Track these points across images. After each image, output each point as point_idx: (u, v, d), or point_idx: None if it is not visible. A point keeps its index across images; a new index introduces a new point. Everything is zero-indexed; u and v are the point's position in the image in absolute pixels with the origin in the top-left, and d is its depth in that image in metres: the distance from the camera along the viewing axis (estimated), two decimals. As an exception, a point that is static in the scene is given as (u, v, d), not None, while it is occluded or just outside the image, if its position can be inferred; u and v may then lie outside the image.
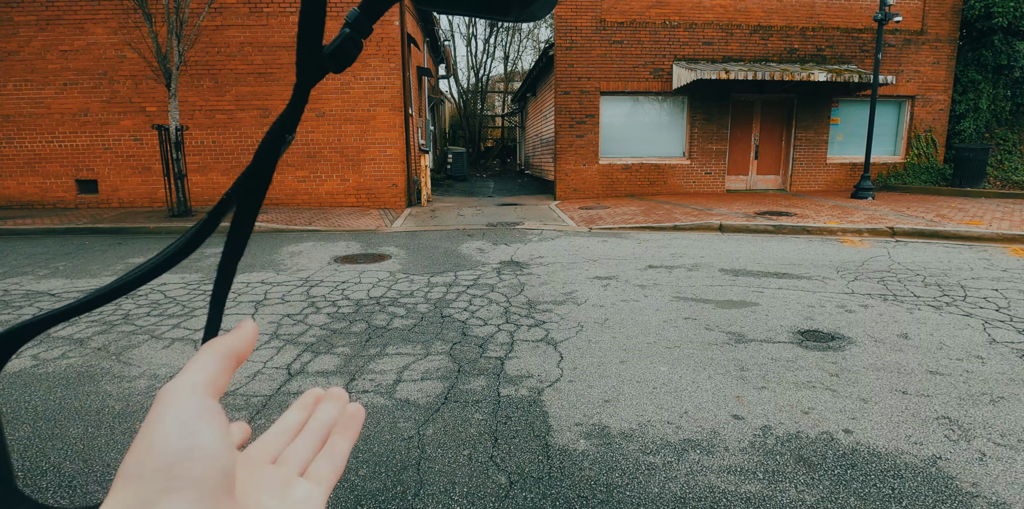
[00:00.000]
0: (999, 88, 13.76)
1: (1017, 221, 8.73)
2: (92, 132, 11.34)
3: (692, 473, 2.46)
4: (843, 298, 5.06)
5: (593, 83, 12.97)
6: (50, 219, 9.80)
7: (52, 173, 11.43)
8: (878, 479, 2.40)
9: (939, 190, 12.88)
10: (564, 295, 5.24)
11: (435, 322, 4.50)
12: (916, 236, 8.11)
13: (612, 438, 2.75)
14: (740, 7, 12.99)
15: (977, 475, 2.43)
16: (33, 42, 10.98)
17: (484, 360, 3.72)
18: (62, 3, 10.91)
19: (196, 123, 11.31)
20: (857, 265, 6.36)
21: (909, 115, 13.98)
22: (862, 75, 11.95)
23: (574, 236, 8.48)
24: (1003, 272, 5.95)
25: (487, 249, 7.48)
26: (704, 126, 13.39)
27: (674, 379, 3.41)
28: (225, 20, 11.11)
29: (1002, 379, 3.37)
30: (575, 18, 12.68)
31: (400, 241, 8.14)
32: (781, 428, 2.83)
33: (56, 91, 11.16)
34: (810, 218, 9.26)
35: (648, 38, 12.88)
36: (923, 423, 2.87)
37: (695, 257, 6.85)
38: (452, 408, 3.06)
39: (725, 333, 4.19)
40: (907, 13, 13.31)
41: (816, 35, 13.26)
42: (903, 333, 4.16)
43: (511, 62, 33.86)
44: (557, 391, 3.26)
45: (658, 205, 11.37)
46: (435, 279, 5.86)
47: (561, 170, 13.32)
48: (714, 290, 5.35)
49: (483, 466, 2.52)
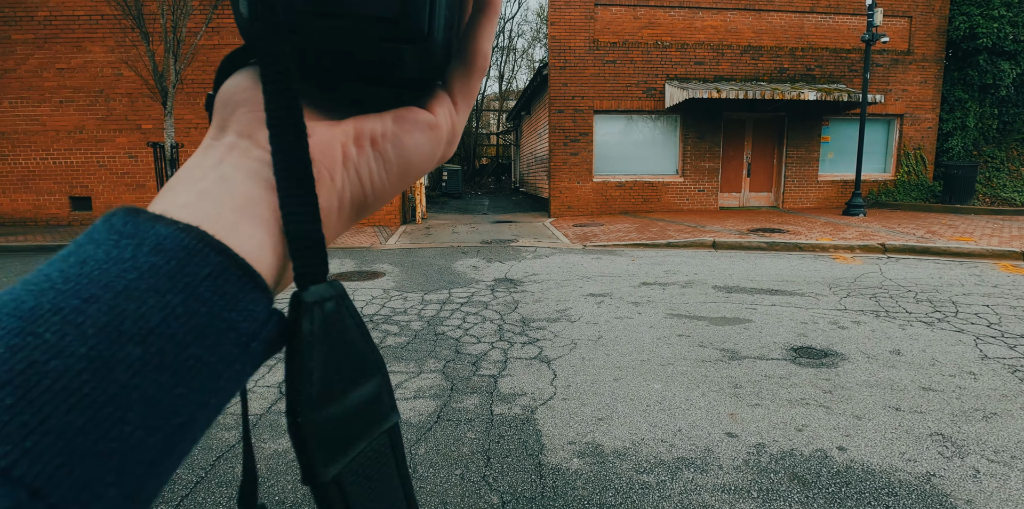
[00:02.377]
0: (985, 106, 13.99)
1: (1007, 237, 8.81)
2: (87, 149, 11.36)
3: (686, 492, 2.44)
4: (836, 314, 5.07)
5: (587, 102, 13.12)
6: (42, 236, 9.77)
7: (46, 190, 11.42)
8: (872, 497, 2.39)
9: (929, 207, 13.01)
10: (558, 312, 5.24)
11: (428, 340, 4.49)
12: (907, 252, 8.16)
13: (605, 457, 2.73)
14: (731, 28, 13.22)
15: (971, 492, 2.42)
16: (30, 60, 11.05)
17: (477, 378, 3.70)
18: (60, 22, 11.00)
19: (192, 140, 11.35)
20: (849, 281, 6.39)
21: (898, 133, 14.18)
22: (851, 94, 12.14)
23: (568, 253, 8.50)
24: (993, 288, 5.99)
25: (481, 266, 7.49)
26: (697, 144, 13.53)
27: (668, 397, 3.40)
28: (222, 39, 11.22)
29: (994, 395, 3.38)
30: (569, 38, 12.87)
31: (394, 258, 8.14)
32: (775, 446, 2.82)
33: (52, 108, 11.20)
34: (802, 235, 9.32)
35: (641, 58, 13.07)
36: (917, 440, 2.87)
37: (688, 274, 6.87)
38: (444, 427, 3.04)
39: (719, 350, 4.19)
40: (894, 34, 13.57)
41: (805, 55, 13.49)
42: (896, 349, 4.17)
43: (506, 81, 34.27)
44: (550, 409, 3.24)
45: (652, 222, 11.43)
46: (429, 296, 5.85)
47: (555, 188, 13.40)
48: (707, 307, 5.36)
49: (475, 486, 2.50)
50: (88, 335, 0.19)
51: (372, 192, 0.30)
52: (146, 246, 0.22)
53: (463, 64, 0.33)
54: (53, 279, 0.21)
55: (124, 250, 0.22)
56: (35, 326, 0.19)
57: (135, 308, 0.20)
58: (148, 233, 0.22)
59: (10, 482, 0.17)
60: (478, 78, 0.33)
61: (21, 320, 0.19)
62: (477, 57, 0.33)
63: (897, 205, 13.48)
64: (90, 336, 0.19)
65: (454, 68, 0.33)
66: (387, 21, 0.27)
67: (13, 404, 0.18)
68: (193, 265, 0.22)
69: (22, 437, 0.17)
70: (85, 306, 0.20)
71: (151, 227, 0.23)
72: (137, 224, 0.23)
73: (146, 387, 0.20)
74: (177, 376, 0.21)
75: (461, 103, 0.33)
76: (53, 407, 0.18)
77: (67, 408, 0.18)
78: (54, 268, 0.21)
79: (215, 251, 0.23)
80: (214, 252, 0.23)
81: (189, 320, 0.21)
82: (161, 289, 0.21)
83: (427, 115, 0.31)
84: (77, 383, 0.19)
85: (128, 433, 0.19)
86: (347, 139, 0.29)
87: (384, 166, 0.30)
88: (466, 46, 0.32)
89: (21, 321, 0.19)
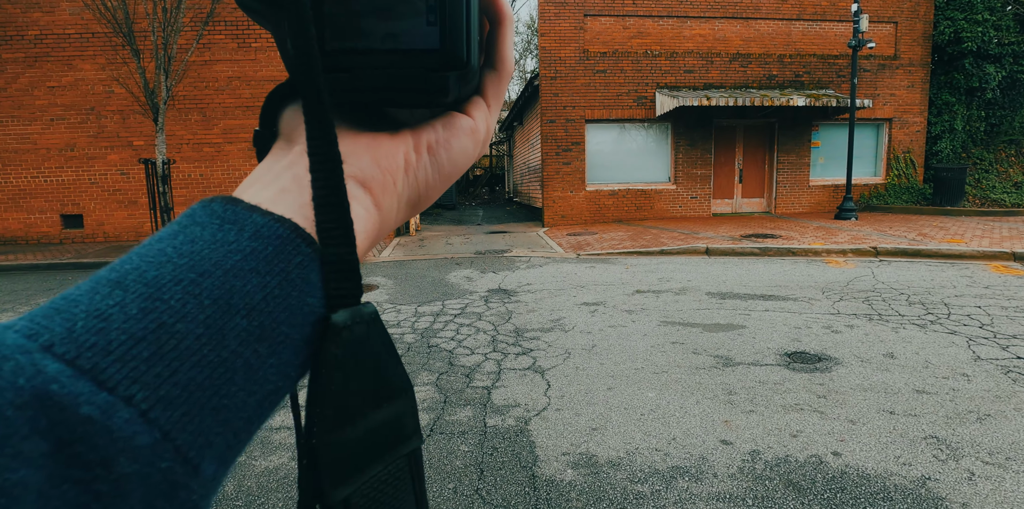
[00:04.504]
0: (973, 109, 14.13)
1: (997, 238, 8.86)
2: (78, 167, 11.34)
3: (681, 501, 2.43)
4: (829, 319, 5.08)
5: (578, 111, 13.19)
6: (33, 255, 9.72)
7: (37, 208, 11.38)
8: (868, 502, 2.38)
9: (920, 209, 13.08)
10: (552, 322, 5.22)
11: (422, 352, 4.46)
12: (899, 255, 8.20)
13: (599, 467, 2.71)
14: (719, 36, 13.34)
15: (967, 495, 2.41)
16: (21, 79, 11.06)
17: (471, 390, 3.68)
18: (50, 40, 11.03)
19: (184, 156, 11.36)
20: (842, 285, 6.40)
21: (887, 137, 14.29)
22: (840, 99, 12.24)
23: (562, 262, 8.50)
24: (985, 289, 6.01)
25: (475, 277, 7.48)
26: (688, 151, 13.60)
27: (662, 405, 3.39)
28: (213, 55, 11.26)
29: (988, 396, 3.37)
30: (559, 49, 12.96)
31: (388, 271, 8.12)
32: (770, 452, 2.81)
33: (43, 127, 11.19)
34: (795, 240, 9.35)
35: (631, 67, 13.17)
36: (911, 443, 2.86)
37: (682, 281, 6.87)
38: (438, 440, 3.01)
39: (713, 357, 4.18)
40: (880, 39, 13.71)
41: (794, 62, 13.62)
42: (889, 353, 4.17)
43: (497, 92, 34.36)
44: (544, 420, 3.22)
45: (645, 230, 11.46)
46: (422, 308, 5.84)
47: (549, 197, 13.43)
48: (701, 314, 5.36)
49: (469, 499, 2.47)
50: (205, 305, 0.22)
51: (425, 191, 0.34)
52: (247, 232, 0.25)
53: (493, 70, 0.35)
54: (168, 254, 0.23)
55: (228, 233, 0.24)
56: (161, 293, 0.22)
57: (241, 285, 0.23)
58: (247, 220, 0.25)
59: (148, 423, 0.20)
60: (506, 81, 0.36)
61: (147, 286, 0.22)
62: (505, 63, 0.36)
63: (888, 208, 13.56)
64: (207, 306, 0.22)
65: (485, 74, 0.35)
66: (432, 53, 0.29)
67: (149, 357, 0.21)
68: (287, 253, 0.25)
69: (157, 385, 0.20)
70: (201, 279, 0.23)
71: (249, 215, 0.25)
72: (236, 212, 0.25)
73: (248, 355, 0.23)
74: (272, 348, 0.24)
75: (493, 105, 0.36)
76: (180, 363, 0.21)
77: (190, 365, 0.21)
78: (166, 244, 0.24)
79: (305, 243, 0.26)
80: (304, 243, 0.26)
81: (283, 301, 0.24)
82: (261, 271, 0.24)
83: (469, 120, 0.34)
84: (198, 345, 0.22)
85: (234, 393, 0.22)
86: (408, 148, 0.32)
87: (437, 169, 0.34)
88: (492, 55, 0.35)
89: (148, 288, 0.22)
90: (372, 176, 0.30)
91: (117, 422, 0.19)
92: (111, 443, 0.19)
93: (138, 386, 0.20)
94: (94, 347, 0.20)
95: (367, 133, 0.31)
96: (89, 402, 0.19)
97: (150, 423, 0.20)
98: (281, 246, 0.25)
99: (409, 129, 0.33)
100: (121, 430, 0.19)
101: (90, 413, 0.19)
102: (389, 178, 0.31)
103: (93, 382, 0.20)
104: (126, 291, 0.22)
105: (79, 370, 0.20)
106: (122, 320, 0.21)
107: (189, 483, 0.21)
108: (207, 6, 10.31)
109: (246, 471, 2.74)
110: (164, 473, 0.20)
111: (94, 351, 0.20)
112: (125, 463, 0.19)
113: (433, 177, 0.34)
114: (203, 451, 0.21)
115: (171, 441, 0.20)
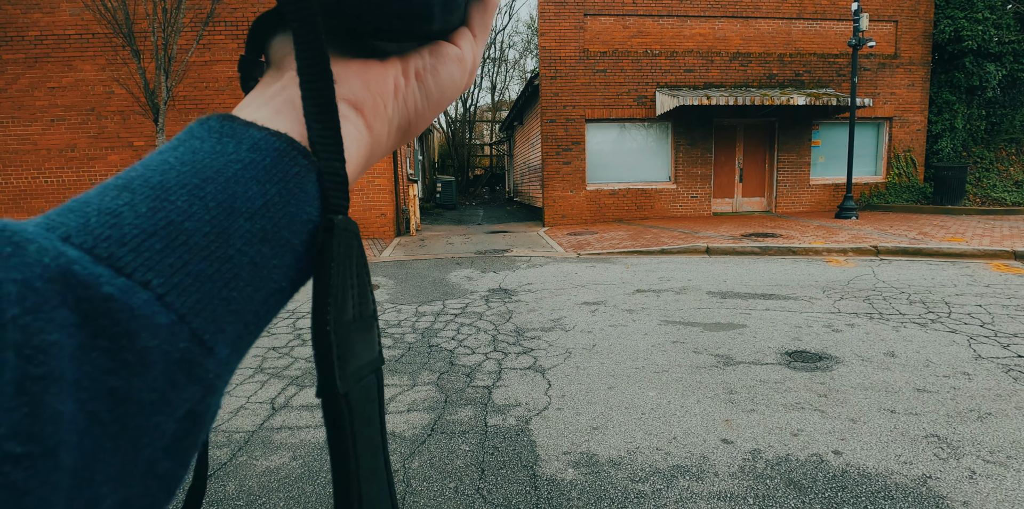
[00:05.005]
0: (973, 108, 14.11)
1: (998, 237, 8.85)
2: (79, 168, 11.34)
3: (682, 500, 2.43)
4: (830, 318, 5.08)
5: (578, 111, 13.18)
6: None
7: (37, 209, 11.38)
8: (869, 501, 2.38)
9: (921, 208, 13.07)
10: (552, 321, 5.23)
11: (422, 352, 4.47)
12: (900, 254, 8.19)
13: (600, 466, 2.71)
14: (719, 35, 13.34)
15: (968, 494, 2.41)
16: (21, 80, 11.06)
17: (471, 389, 3.68)
18: (50, 41, 11.03)
19: (184, 157, 11.35)
20: (843, 284, 6.40)
21: (888, 136, 14.28)
22: (840, 98, 12.23)
23: (563, 262, 8.50)
24: (986, 288, 6.01)
25: (475, 277, 7.48)
26: (689, 151, 13.60)
27: (663, 404, 3.39)
28: (213, 56, 11.26)
29: (989, 395, 3.37)
30: (559, 49, 12.96)
31: (388, 271, 8.13)
32: (771, 451, 2.81)
33: (43, 127, 11.20)
34: (795, 239, 9.35)
35: (631, 67, 13.16)
36: (912, 442, 2.86)
37: (683, 280, 6.87)
38: (438, 440, 3.02)
39: (713, 356, 4.18)
40: (880, 38, 13.71)
41: (794, 61, 13.61)
42: (890, 351, 4.17)
43: (498, 92, 34.43)
44: (545, 419, 3.23)
45: (646, 229, 11.45)
46: (423, 308, 5.84)
47: (549, 197, 13.43)
48: (702, 313, 5.36)
49: (470, 499, 2.48)
50: (210, 207, 0.24)
51: (415, 118, 0.35)
52: (244, 144, 0.26)
53: (479, 0, 0.36)
54: (171, 162, 0.25)
55: (227, 145, 0.26)
56: (167, 194, 0.23)
57: (243, 191, 0.25)
58: (244, 134, 0.26)
59: (165, 306, 0.21)
60: (492, 11, 0.37)
61: (154, 189, 0.23)
62: None
63: (889, 207, 13.55)
64: (211, 208, 0.24)
65: (471, 4, 0.36)
66: None
67: (161, 249, 0.22)
68: (284, 164, 0.26)
69: (171, 274, 0.22)
70: (204, 184, 0.24)
71: (246, 130, 0.27)
72: (234, 127, 0.27)
73: (253, 254, 0.24)
74: (275, 250, 0.25)
75: (480, 35, 0.37)
76: (190, 256, 0.22)
77: (199, 259, 0.23)
78: (168, 155, 0.25)
79: (301, 155, 0.27)
80: (301, 155, 0.27)
81: (283, 208, 0.26)
82: (261, 179, 0.25)
83: (455, 49, 0.35)
84: (205, 242, 0.23)
85: (241, 287, 0.24)
86: (397, 73, 0.33)
87: (425, 95, 0.34)
88: None
89: (154, 190, 0.23)
90: (363, 98, 0.31)
91: (137, 302, 0.21)
92: (133, 318, 0.20)
93: (153, 273, 0.21)
94: (109, 239, 0.21)
95: (357, 59, 0.32)
96: (110, 283, 0.20)
97: (167, 306, 0.21)
98: (278, 158, 0.26)
99: (398, 56, 0.34)
100: (141, 309, 0.21)
101: (111, 292, 0.20)
102: (380, 101, 0.32)
103: (111, 268, 0.21)
104: (134, 193, 0.23)
105: (97, 257, 0.21)
106: (133, 217, 0.22)
107: (205, 363, 0.22)
108: (207, 6, 10.31)
109: (247, 471, 2.75)
110: (183, 352, 0.22)
111: (110, 242, 0.21)
112: (147, 337, 0.21)
113: (422, 103, 0.35)
114: (216, 336, 0.23)
115: (187, 324, 0.22)
